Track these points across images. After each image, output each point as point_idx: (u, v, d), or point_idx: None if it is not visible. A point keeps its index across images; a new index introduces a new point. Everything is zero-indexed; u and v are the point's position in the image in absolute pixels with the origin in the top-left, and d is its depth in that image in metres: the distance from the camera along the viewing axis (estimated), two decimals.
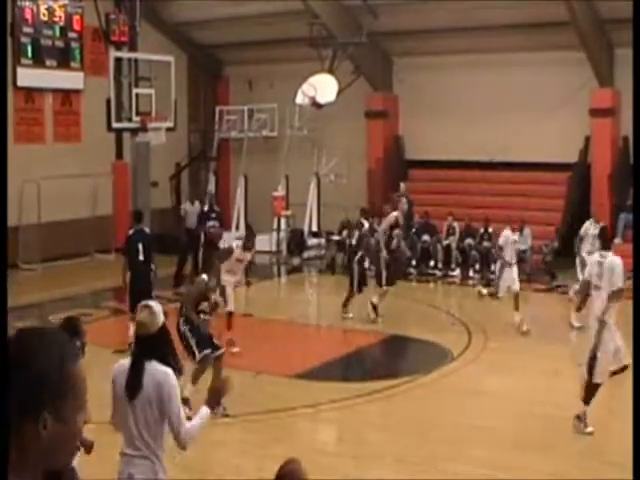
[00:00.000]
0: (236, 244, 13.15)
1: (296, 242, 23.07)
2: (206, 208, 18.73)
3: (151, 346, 5.49)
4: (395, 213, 16.06)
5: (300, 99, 21.93)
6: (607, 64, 20.83)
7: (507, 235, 15.16)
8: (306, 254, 22.78)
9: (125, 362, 5.58)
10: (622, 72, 19.66)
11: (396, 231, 16.31)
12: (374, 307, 15.55)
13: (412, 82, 23.28)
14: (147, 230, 14.18)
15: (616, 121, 20.73)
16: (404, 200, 16.60)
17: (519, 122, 21.62)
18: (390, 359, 14.58)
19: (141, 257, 13.42)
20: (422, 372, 12.59)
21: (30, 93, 21.37)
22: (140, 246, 13.47)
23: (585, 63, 20.48)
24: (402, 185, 20.76)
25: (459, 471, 8.81)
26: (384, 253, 15.83)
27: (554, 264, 19.32)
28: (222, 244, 18.61)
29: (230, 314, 13.14)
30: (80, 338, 6.28)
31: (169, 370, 5.46)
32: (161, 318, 5.56)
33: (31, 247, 20.25)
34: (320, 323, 17.37)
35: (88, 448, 5.97)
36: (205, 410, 5.50)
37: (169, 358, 5.57)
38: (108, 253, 21.37)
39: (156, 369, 5.42)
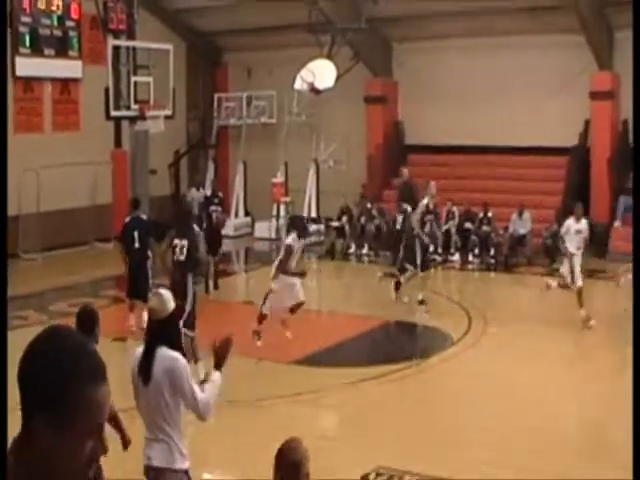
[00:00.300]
0: (292, 238, 12.80)
1: None
2: (209, 193, 18.76)
3: (161, 332, 5.66)
4: (426, 199, 16.06)
5: (299, 85, 21.89)
6: (607, 47, 20.79)
7: (569, 224, 14.29)
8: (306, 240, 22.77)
9: (139, 349, 5.76)
10: (622, 55, 19.60)
11: (429, 216, 16.31)
12: (397, 286, 15.68)
13: (411, 67, 23.25)
14: (144, 217, 14.21)
15: (616, 104, 20.70)
16: (432, 183, 16.48)
17: (519, 106, 21.60)
18: (390, 344, 14.60)
19: (137, 244, 13.47)
20: (422, 357, 12.64)
21: (29, 82, 21.34)
22: (136, 233, 13.52)
23: (585, 46, 20.44)
24: (405, 170, 20.75)
25: (460, 457, 8.85)
26: (425, 238, 15.81)
27: (554, 247, 19.32)
28: (224, 231, 18.69)
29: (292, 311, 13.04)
30: (96, 327, 6.45)
31: (178, 354, 5.63)
32: (171, 304, 5.72)
33: (31, 236, 20.26)
34: (321, 309, 17.38)
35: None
36: (216, 375, 5.70)
37: (179, 343, 5.77)
38: (107, 242, 21.37)
39: (166, 354, 5.58)
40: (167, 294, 5.79)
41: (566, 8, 19.62)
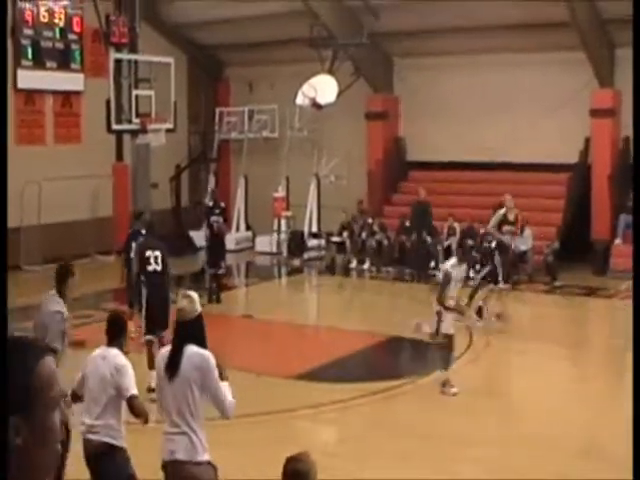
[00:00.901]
0: (450, 264, 11.62)
1: (296, 243, 23.09)
2: (211, 204, 18.88)
3: (190, 331, 5.91)
4: (503, 210, 16.07)
5: (300, 100, 21.92)
6: (608, 64, 20.82)
7: None
8: (306, 255, 22.79)
9: (166, 348, 6.07)
10: (623, 72, 19.64)
11: (507, 227, 16.30)
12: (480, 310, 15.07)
13: (413, 83, 23.29)
14: (142, 231, 14.31)
15: (616, 122, 20.71)
16: (508, 197, 16.49)
17: (519, 122, 21.62)
18: (391, 360, 14.58)
19: (132, 256, 13.59)
20: (422, 373, 12.59)
21: (31, 95, 21.38)
22: (134, 245, 13.67)
23: (586, 63, 20.48)
24: (421, 190, 20.87)
25: (461, 471, 8.81)
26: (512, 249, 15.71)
27: (555, 265, 19.31)
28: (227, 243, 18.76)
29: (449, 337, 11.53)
30: (124, 332, 6.83)
31: (207, 352, 5.88)
32: (199, 306, 6.00)
33: (32, 248, 20.26)
34: (320, 324, 17.36)
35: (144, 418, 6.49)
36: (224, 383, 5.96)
37: (205, 342, 5.97)
38: (108, 254, 21.37)
39: (195, 352, 5.85)
40: (196, 296, 6.04)
41: (567, 25, 19.67)
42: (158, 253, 11.72)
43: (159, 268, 11.64)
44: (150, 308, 11.43)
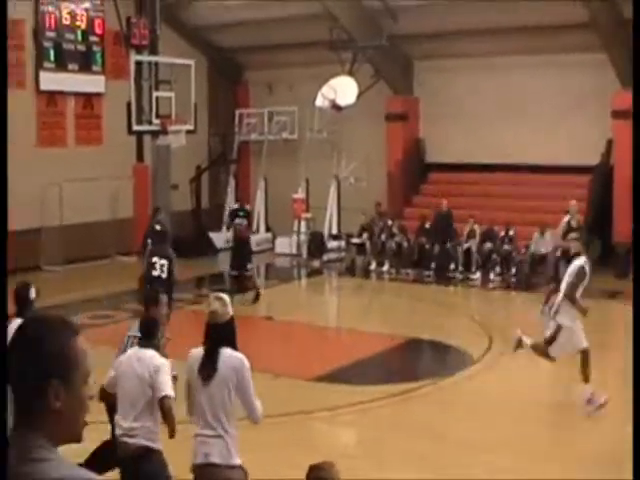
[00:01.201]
0: (585, 260, 10.80)
1: (316, 245, 23.09)
2: (236, 206, 19.01)
3: (223, 334, 5.92)
4: (567, 217, 16.02)
5: (320, 102, 21.95)
6: (630, 65, 20.65)
7: None
8: (326, 257, 22.79)
9: (197, 350, 5.99)
10: None
11: (572, 234, 16.26)
12: None
13: (432, 85, 23.26)
14: (157, 227, 14.45)
15: None
16: (573, 202, 16.45)
17: (540, 124, 21.54)
18: (409, 362, 14.54)
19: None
20: (441, 375, 12.56)
21: (53, 96, 21.52)
22: (149, 241, 13.84)
23: (607, 64, 20.36)
24: (444, 201, 20.85)
25: (478, 474, 8.77)
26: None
27: None
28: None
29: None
30: (156, 337, 6.82)
31: (242, 355, 5.90)
32: (231, 309, 6.00)
33: (53, 249, 20.38)
34: (340, 326, 17.35)
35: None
36: None
37: (236, 344, 5.99)
38: (129, 255, 21.47)
39: (232, 354, 5.87)
40: (227, 298, 6.04)
41: (588, 26, 19.58)
42: (165, 262, 11.85)
43: (164, 276, 11.82)
44: None
